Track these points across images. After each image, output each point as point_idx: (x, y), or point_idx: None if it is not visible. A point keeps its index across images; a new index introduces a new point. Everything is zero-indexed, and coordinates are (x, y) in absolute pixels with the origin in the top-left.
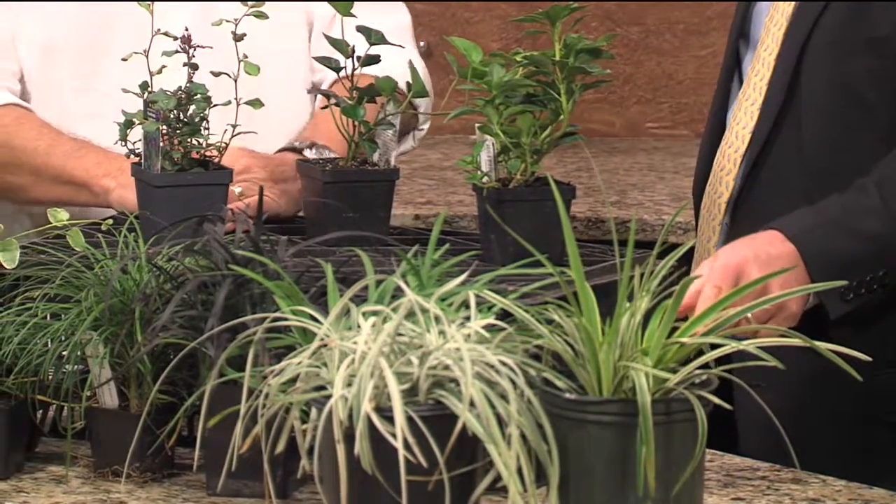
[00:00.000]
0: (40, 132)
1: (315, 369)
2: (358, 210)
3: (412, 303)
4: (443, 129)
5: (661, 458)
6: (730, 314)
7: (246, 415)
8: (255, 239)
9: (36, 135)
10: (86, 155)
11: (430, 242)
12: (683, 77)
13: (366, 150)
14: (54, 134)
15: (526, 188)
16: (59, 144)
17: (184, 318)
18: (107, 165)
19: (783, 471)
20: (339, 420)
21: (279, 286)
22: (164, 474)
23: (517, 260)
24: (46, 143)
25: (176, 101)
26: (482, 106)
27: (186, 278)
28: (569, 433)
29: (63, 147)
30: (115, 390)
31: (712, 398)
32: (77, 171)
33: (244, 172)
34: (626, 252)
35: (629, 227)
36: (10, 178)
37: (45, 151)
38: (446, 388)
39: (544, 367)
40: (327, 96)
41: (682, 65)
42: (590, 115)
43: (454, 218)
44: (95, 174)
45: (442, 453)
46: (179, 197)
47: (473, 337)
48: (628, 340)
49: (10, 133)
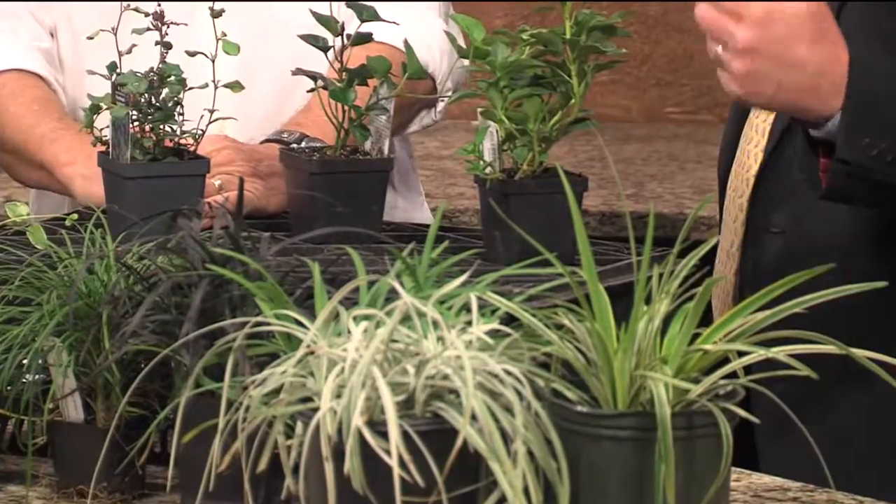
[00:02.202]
0: (29, 107)
1: (301, 379)
2: (348, 204)
3: (408, 306)
4: None
5: (682, 477)
6: (758, 318)
7: (224, 429)
8: (235, 236)
9: (24, 110)
10: (59, 139)
11: (427, 239)
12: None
13: (356, 137)
14: (42, 111)
15: (533, 180)
16: (41, 124)
17: (156, 323)
18: (76, 152)
19: (817, 491)
20: (328, 435)
21: (261, 288)
22: (135, 495)
23: (523, 259)
24: (30, 120)
25: (147, 83)
26: (485, 89)
27: (159, 279)
28: (580, 449)
29: (43, 127)
30: (80, 402)
31: (738, 411)
32: (47, 156)
33: (225, 164)
34: (644, 250)
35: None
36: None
37: (27, 130)
38: (445, 400)
39: (553, 376)
40: (313, 78)
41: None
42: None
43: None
44: (61, 161)
45: (441, 472)
46: (151, 189)
47: (475, 343)
48: (646, 347)
49: (1, 105)
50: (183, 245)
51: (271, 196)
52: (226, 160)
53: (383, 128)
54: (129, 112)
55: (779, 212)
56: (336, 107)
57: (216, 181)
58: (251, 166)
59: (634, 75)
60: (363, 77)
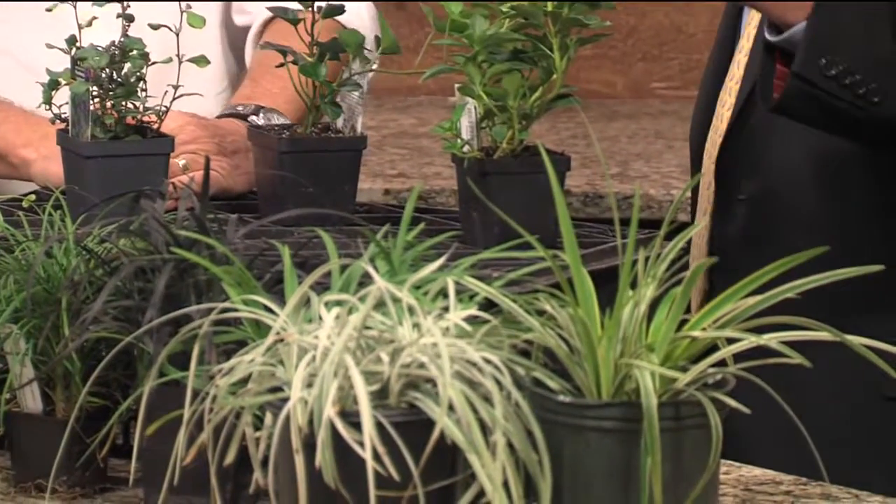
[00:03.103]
0: None
1: (270, 368)
2: (319, 184)
3: (382, 291)
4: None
5: (670, 470)
6: (748, 304)
7: (190, 420)
8: (201, 217)
9: None
10: (3, 121)
11: (402, 221)
12: (695, 29)
13: (328, 114)
14: None
15: (513, 159)
16: None
17: (118, 310)
18: (27, 133)
19: (810, 484)
20: (298, 426)
21: (228, 272)
22: (96, 489)
23: (503, 241)
24: None
25: (108, 58)
26: (462, 64)
27: (121, 263)
28: (563, 441)
29: None
30: (38, 392)
31: (729, 401)
32: None
33: (191, 143)
34: (629, 232)
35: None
36: None
37: None
38: (421, 390)
39: (534, 365)
40: (283, 52)
41: (694, 15)
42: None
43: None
44: (13, 143)
45: (416, 464)
46: (113, 169)
47: (452, 330)
48: (631, 334)
49: None
50: (146, 227)
51: (237, 175)
52: (190, 137)
53: (356, 104)
54: (90, 88)
55: (745, 179)
56: (306, 82)
57: (181, 161)
58: (216, 143)
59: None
60: (335, 51)
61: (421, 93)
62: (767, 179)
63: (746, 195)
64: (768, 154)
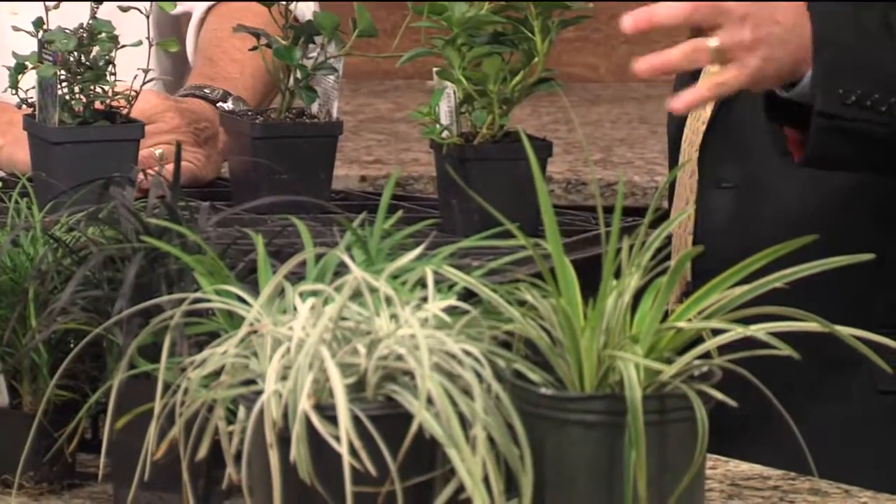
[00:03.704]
0: None
1: (243, 360)
2: (294, 171)
3: (358, 281)
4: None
5: (655, 464)
6: (735, 294)
7: (161, 414)
8: (172, 205)
9: None
10: None
11: (379, 209)
12: None
13: (303, 99)
14: None
15: (493, 145)
16: None
17: (87, 300)
18: None
19: (798, 479)
20: (272, 420)
21: (200, 261)
22: (64, 485)
23: (483, 230)
24: None
25: (76, 41)
26: (441, 47)
27: (90, 252)
28: (545, 435)
29: None
30: (4, 385)
31: (715, 393)
32: None
33: (170, 133)
34: (613, 220)
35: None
36: None
37: None
38: (399, 383)
39: (516, 356)
40: (256, 35)
41: None
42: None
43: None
44: None
45: (394, 459)
46: (81, 155)
47: (431, 321)
48: (615, 325)
49: None
50: (115, 215)
51: (209, 164)
52: (169, 127)
53: (331, 89)
54: (57, 72)
55: (730, 165)
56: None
57: (158, 150)
58: (193, 132)
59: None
60: (309, 34)
61: (398, 77)
62: (753, 167)
63: (731, 183)
64: (754, 141)
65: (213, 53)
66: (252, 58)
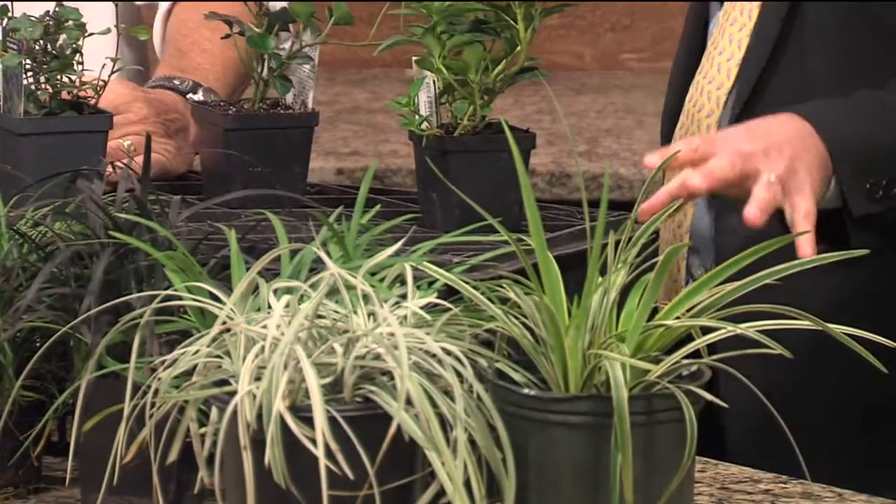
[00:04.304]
0: None
1: (216, 359)
2: (268, 163)
3: (335, 277)
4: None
5: (642, 467)
6: (725, 291)
7: (130, 416)
8: (142, 199)
9: None
10: None
11: (356, 203)
12: None
13: (277, 89)
14: None
15: (475, 136)
16: None
17: (53, 297)
18: None
19: (790, 482)
20: (246, 422)
21: (171, 257)
22: (29, 489)
23: (464, 225)
24: None
25: (42, 29)
26: (421, 35)
27: (56, 248)
28: (528, 437)
29: None
30: None
31: (704, 394)
32: None
33: (138, 123)
34: (598, 214)
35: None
36: None
37: None
38: (377, 383)
39: (497, 356)
40: (228, 23)
41: None
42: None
43: (386, 173)
44: None
45: (372, 462)
46: (47, 147)
47: (410, 319)
48: (600, 323)
49: None
50: (83, 209)
51: (180, 156)
52: (138, 117)
53: (307, 78)
54: (23, 61)
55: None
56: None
57: (127, 142)
58: (162, 123)
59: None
60: (284, 22)
61: (376, 65)
62: None
63: None
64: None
65: (182, 44)
66: (223, 47)
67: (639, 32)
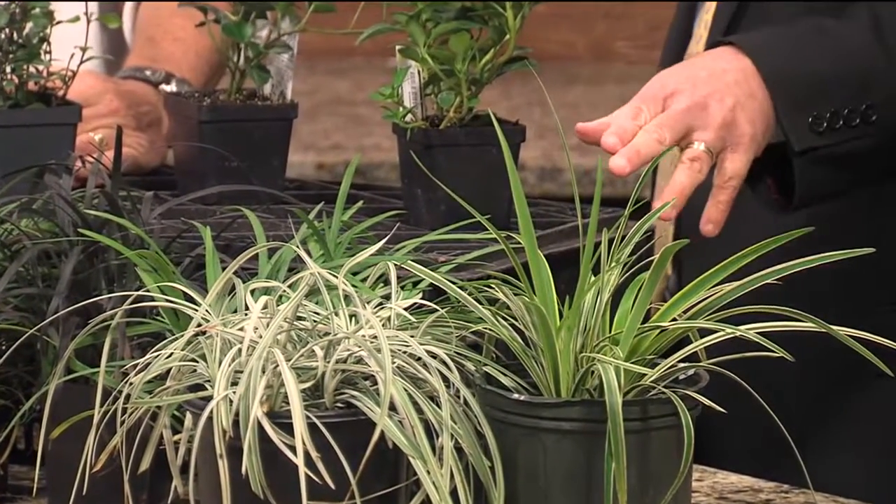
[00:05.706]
0: None
1: (190, 363)
2: (245, 157)
3: (315, 277)
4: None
5: (636, 476)
6: (723, 291)
7: (101, 422)
8: (112, 195)
9: None
10: None
11: (338, 199)
12: None
13: (254, 79)
14: None
15: (461, 129)
16: None
17: (20, 298)
18: None
19: (792, 492)
20: (222, 428)
21: (143, 256)
22: None
23: (450, 222)
24: None
25: (8, 17)
26: (404, 22)
27: (23, 246)
28: (517, 444)
29: None
30: None
31: (702, 399)
32: None
33: (108, 116)
34: (591, 211)
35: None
36: None
37: None
38: (359, 388)
39: (486, 359)
40: (203, 10)
41: None
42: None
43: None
44: None
45: (354, 471)
46: (13, 140)
47: (394, 321)
48: (593, 325)
49: None
50: (51, 206)
51: (152, 151)
52: (108, 110)
53: (286, 68)
54: None
55: None
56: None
57: (97, 135)
58: (134, 115)
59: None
60: (261, 9)
61: (358, 55)
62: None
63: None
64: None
65: (153, 32)
66: (197, 36)
67: (633, 20)
